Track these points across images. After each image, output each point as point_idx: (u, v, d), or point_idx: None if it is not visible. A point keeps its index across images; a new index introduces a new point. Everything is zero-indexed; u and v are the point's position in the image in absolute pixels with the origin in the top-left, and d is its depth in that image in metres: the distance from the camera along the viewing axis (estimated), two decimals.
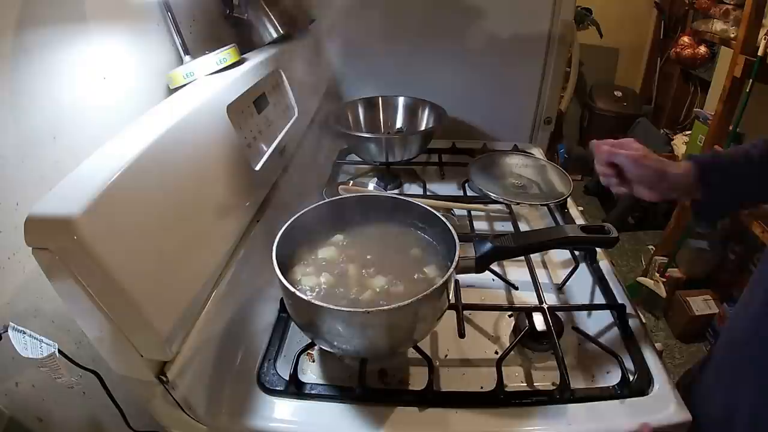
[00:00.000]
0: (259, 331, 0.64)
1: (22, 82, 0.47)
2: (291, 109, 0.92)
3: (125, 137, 0.48)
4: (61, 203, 0.38)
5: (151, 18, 0.68)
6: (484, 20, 1.07)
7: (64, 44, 0.52)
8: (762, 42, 1.41)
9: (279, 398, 0.56)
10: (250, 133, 0.72)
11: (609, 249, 0.73)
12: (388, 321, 0.49)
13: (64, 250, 0.37)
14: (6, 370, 0.45)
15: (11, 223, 0.45)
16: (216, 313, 0.57)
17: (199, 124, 0.58)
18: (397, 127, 1.10)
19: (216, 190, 0.60)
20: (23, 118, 0.47)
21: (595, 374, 0.60)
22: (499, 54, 1.10)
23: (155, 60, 0.69)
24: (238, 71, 0.71)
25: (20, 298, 0.46)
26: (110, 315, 0.41)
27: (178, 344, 0.49)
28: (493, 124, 1.22)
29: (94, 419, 0.56)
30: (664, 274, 1.88)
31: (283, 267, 0.52)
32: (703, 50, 2.09)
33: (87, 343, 0.49)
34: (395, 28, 1.10)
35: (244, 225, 0.67)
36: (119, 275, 0.40)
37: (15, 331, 0.40)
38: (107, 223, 0.39)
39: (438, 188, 1.00)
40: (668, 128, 2.39)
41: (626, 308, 0.65)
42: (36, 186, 0.47)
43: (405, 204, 0.65)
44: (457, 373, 0.60)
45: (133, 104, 0.63)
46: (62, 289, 0.40)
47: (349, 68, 1.17)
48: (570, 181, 0.91)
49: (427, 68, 1.14)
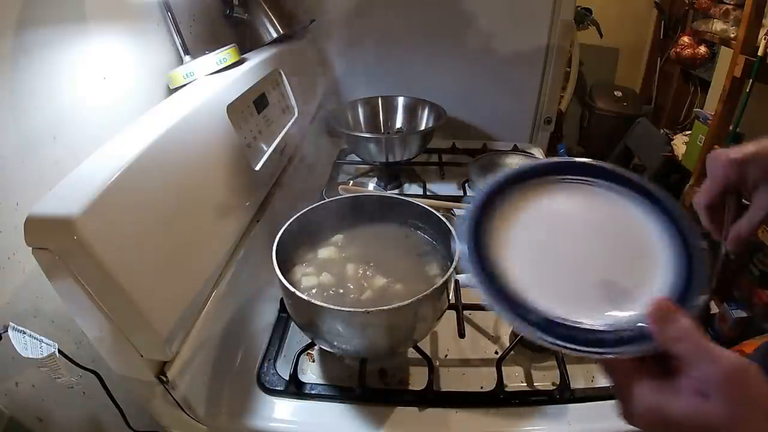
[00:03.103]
0: (259, 331, 0.64)
1: (22, 82, 0.47)
2: (291, 109, 0.92)
3: (125, 137, 0.48)
4: (61, 203, 0.38)
5: (151, 18, 0.68)
6: (484, 20, 1.07)
7: (64, 44, 0.52)
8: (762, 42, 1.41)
9: (279, 398, 0.56)
10: (250, 133, 0.72)
11: None
12: (388, 321, 0.49)
13: (64, 250, 0.37)
14: (6, 370, 0.45)
15: (11, 223, 0.45)
16: (216, 313, 0.57)
17: (199, 124, 0.58)
18: (397, 127, 1.10)
19: (216, 190, 0.60)
20: (23, 118, 0.47)
21: (595, 374, 0.60)
22: (499, 54, 1.10)
23: (155, 60, 0.69)
24: (238, 71, 0.71)
25: (20, 298, 0.46)
26: (110, 315, 0.41)
27: (178, 344, 0.49)
28: (493, 124, 1.22)
29: (94, 419, 0.56)
30: None
31: (283, 267, 0.52)
32: (703, 50, 2.09)
33: (87, 343, 0.49)
34: (395, 28, 1.10)
35: (244, 225, 0.67)
36: (119, 275, 0.40)
37: (15, 331, 0.40)
38: (107, 223, 0.39)
39: (438, 188, 1.00)
40: (668, 128, 2.39)
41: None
42: (36, 186, 0.47)
43: (405, 204, 0.65)
44: (457, 373, 0.60)
45: (133, 104, 0.63)
46: (62, 289, 0.40)
47: (349, 68, 1.17)
48: None
49: (427, 68, 1.13)
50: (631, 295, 0.35)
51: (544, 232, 0.40)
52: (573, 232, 0.40)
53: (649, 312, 0.31)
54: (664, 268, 0.36)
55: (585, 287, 0.36)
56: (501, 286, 0.36)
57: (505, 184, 0.42)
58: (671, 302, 0.32)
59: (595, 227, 0.40)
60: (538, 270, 0.37)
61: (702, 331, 0.29)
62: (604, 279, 0.37)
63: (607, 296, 0.36)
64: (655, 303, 0.32)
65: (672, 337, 0.30)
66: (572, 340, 0.32)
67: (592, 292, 0.36)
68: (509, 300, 0.35)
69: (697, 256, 0.37)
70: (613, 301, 0.35)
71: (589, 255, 0.39)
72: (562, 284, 0.37)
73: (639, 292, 0.35)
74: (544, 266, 0.38)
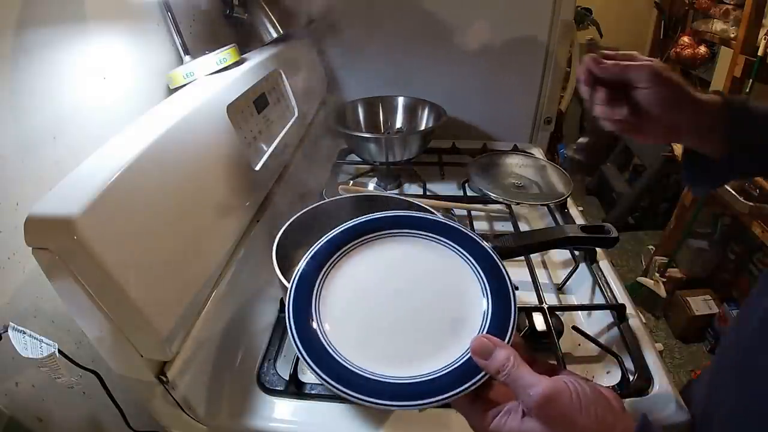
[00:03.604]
0: (259, 331, 0.64)
1: (22, 82, 0.47)
2: (291, 109, 0.92)
3: (125, 137, 0.48)
4: (61, 203, 0.38)
5: (151, 18, 0.68)
6: (484, 20, 1.07)
7: (64, 44, 0.52)
8: (762, 42, 1.41)
9: (279, 398, 0.56)
10: (250, 133, 0.72)
11: (609, 249, 0.73)
12: None
13: (64, 250, 0.37)
14: (6, 370, 0.45)
15: (11, 223, 0.45)
16: (216, 313, 0.57)
17: (199, 124, 0.58)
18: (397, 127, 1.10)
19: (216, 190, 0.60)
20: (23, 118, 0.47)
21: (595, 374, 0.60)
22: (500, 54, 1.10)
23: (155, 60, 0.69)
24: (238, 71, 0.71)
25: (20, 298, 0.46)
26: (110, 315, 0.41)
27: (178, 344, 0.49)
28: (493, 124, 1.22)
29: (94, 419, 0.56)
30: (664, 274, 1.88)
31: (283, 267, 0.52)
32: (703, 50, 2.09)
33: (87, 343, 0.49)
34: (395, 28, 1.10)
35: (244, 225, 0.67)
36: (119, 275, 0.40)
37: (15, 331, 0.40)
38: (107, 223, 0.39)
39: (438, 188, 1.00)
40: None
41: (626, 308, 0.65)
42: (36, 186, 0.47)
43: (405, 204, 0.65)
44: None
45: (133, 104, 0.63)
46: (62, 289, 0.40)
47: (349, 68, 1.17)
48: (570, 181, 0.91)
49: (427, 68, 1.14)
50: (456, 336, 0.39)
51: (367, 290, 0.44)
52: (394, 288, 0.44)
53: (473, 349, 0.36)
54: (479, 306, 0.41)
55: (408, 341, 0.40)
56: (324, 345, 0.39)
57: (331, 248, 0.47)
58: (490, 337, 0.37)
59: (414, 280, 0.44)
60: (362, 329, 0.41)
61: (520, 360, 0.34)
62: (426, 328, 0.40)
63: (432, 343, 0.39)
64: (476, 341, 0.36)
65: (495, 369, 0.35)
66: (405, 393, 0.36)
67: (417, 344, 0.40)
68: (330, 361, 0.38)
69: (509, 293, 0.41)
70: (439, 346, 0.39)
71: (410, 309, 0.42)
72: (385, 343, 0.40)
73: (461, 333, 0.39)
74: (367, 325, 0.41)
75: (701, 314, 1.72)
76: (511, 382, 0.34)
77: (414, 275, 0.45)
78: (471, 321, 0.40)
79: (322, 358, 0.37)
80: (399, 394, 0.36)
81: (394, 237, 0.47)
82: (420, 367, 0.37)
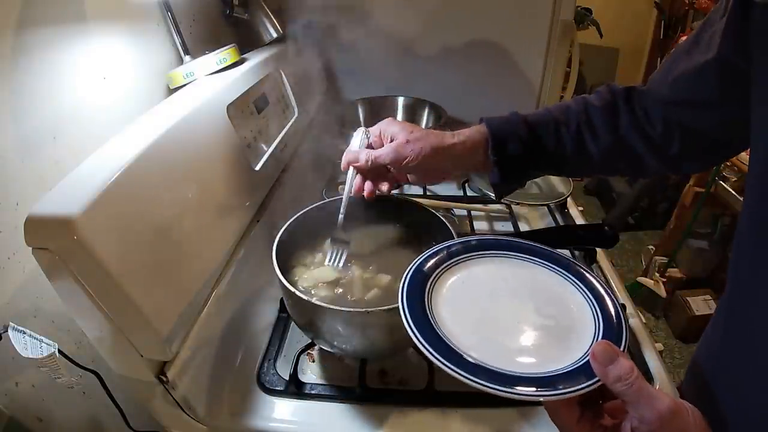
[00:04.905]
0: (259, 331, 0.64)
1: (22, 82, 0.47)
2: (291, 109, 0.92)
3: (125, 137, 0.48)
4: (61, 203, 0.38)
5: (151, 18, 0.68)
6: (484, 20, 1.07)
7: (64, 44, 0.52)
8: None
9: (279, 398, 0.56)
10: (250, 133, 0.72)
11: (609, 249, 0.73)
12: (388, 321, 0.48)
13: (64, 250, 0.37)
14: (6, 370, 0.45)
15: (11, 223, 0.45)
16: (216, 313, 0.57)
17: (199, 124, 0.58)
18: None
19: (216, 190, 0.60)
20: (23, 118, 0.47)
21: None
22: (500, 54, 1.10)
23: (155, 60, 0.69)
24: (238, 71, 0.71)
25: (20, 298, 0.46)
26: (110, 315, 0.41)
27: (178, 344, 0.49)
28: None
29: (94, 419, 0.56)
30: (664, 274, 1.88)
31: (283, 267, 0.52)
32: None
33: (87, 343, 0.49)
34: (396, 28, 1.10)
35: (244, 225, 0.67)
36: (119, 275, 0.40)
37: (15, 331, 0.40)
38: (107, 223, 0.39)
39: (438, 188, 1.00)
40: None
41: (626, 308, 0.65)
42: (36, 186, 0.47)
43: (405, 204, 0.65)
44: None
45: (133, 104, 0.63)
46: (62, 289, 0.40)
47: (349, 68, 1.17)
48: (570, 181, 0.91)
49: (427, 68, 1.13)
50: (568, 342, 0.40)
51: (478, 298, 0.45)
52: (503, 295, 0.46)
53: (593, 353, 0.34)
54: (589, 322, 0.42)
55: (522, 343, 0.41)
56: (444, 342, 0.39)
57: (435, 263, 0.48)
58: (612, 345, 0.35)
59: (523, 291, 0.46)
60: (477, 330, 0.41)
61: (639, 374, 0.33)
62: (537, 332, 0.41)
63: (543, 346, 0.40)
64: (598, 345, 0.35)
65: (615, 376, 0.33)
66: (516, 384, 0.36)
67: (530, 345, 0.40)
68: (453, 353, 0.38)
69: (615, 317, 0.42)
70: (551, 350, 0.39)
71: (523, 314, 0.43)
72: (500, 341, 0.41)
73: (574, 340, 0.40)
74: (482, 327, 0.42)
75: (701, 314, 1.72)
76: (632, 393, 0.32)
77: (524, 288, 0.46)
78: (582, 332, 0.41)
79: (452, 356, 0.38)
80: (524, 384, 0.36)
81: (500, 258, 0.50)
82: (525, 366, 0.38)
